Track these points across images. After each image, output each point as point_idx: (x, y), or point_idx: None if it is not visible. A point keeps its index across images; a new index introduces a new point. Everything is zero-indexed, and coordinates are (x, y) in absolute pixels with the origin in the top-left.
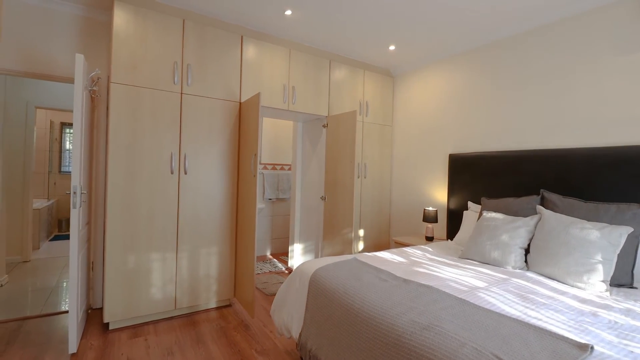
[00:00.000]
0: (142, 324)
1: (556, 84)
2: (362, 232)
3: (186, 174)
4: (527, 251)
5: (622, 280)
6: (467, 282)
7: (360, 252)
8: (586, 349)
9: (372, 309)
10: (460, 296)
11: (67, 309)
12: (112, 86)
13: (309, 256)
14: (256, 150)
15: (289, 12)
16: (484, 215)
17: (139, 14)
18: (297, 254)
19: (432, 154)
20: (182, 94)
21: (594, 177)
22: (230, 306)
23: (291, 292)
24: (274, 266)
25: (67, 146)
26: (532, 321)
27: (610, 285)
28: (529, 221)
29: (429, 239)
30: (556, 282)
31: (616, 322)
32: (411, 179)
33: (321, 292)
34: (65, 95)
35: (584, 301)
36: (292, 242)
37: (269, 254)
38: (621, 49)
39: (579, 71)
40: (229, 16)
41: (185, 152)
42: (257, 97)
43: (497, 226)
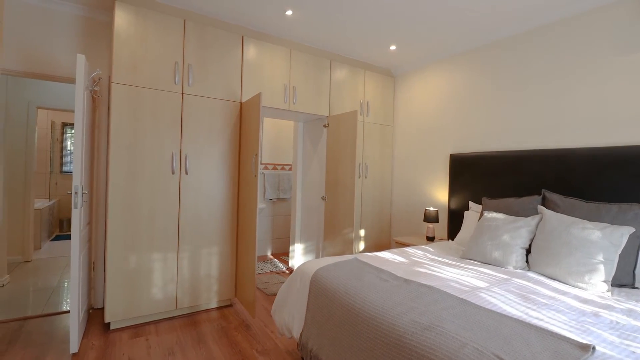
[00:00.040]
0: (143, 323)
1: (557, 83)
2: (362, 232)
3: (187, 174)
4: (529, 251)
5: (624, 280)
6: (468, 282)
7: (361, 252)
8: (588, 349)
9: (373, 309)
10: (461, 296)
11: (69, 308)
12: (113, 86)
13: (310, 256)
14: (257, 150)
15: (289, 12)
16: (485, 215)
17: (139, 14)
18: (298, 254)
19: (433, 154)
20: (183, 94)
21: (596, 177)
22: (231, 306)
23: (292, 292)
24: (275, 266)
25: (69, 146)
26: (534, 321)
27: (611, 285)
28: (530, 221)
29: (430, 239)
30: (557, 282)
31: (618, 323)
32: (412, 179)
33: (322, 292)
34: (66, 95)
35: (585, 301)
36: (293, 242)
37: (269, 254)
38: (622, 49)
39: (580, 71)
40: (230, 16)
41: (186, 152)
42: (257, 97)
43: (498, 226)
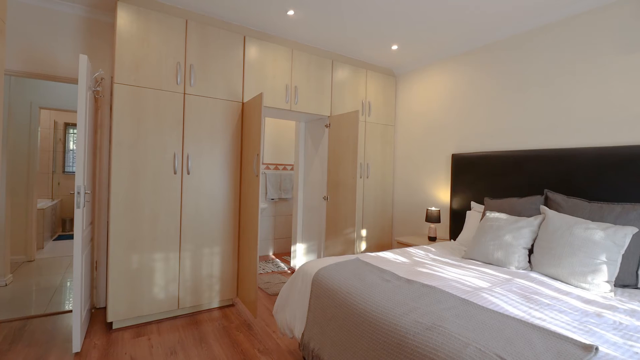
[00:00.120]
0: (145, 323)
1: (559, 83)
2: (364, 232)
3: (189, 174)
4: (531, 251)
5: (627, 280)
6: (471, 282)
7: (362, 252)
8: (591, 349)
9: (375, 309)
10: (463, 297)
11: (71, 308)
12: (115, 86)
13: (312, 256)
14: (259, 150)
15: (291, 12)
16: (487, 215)
17: (141, 14)
18: (300, 253)
19: (434, 154)
20: (185, 94)
21: (599, 177)
22: (233, 306)
23: (294, 292)
24: (277, 266)
25: (71, 146)
26: (536, 322)
27: (614, 285)
28: (532, 221)
29: (432, 239)
30: (560, 282)
31: (621, 323)
32: (414, 179)
33: (324, 292)
34: (68, 95)
35: (588, 302)
36: (295, 242)
37: (271, 253)
38: (624, 48)
39: (582, 70)
40: (232, 16)
41: (188, 152)
42: (259, 97)
43: (501, 226)
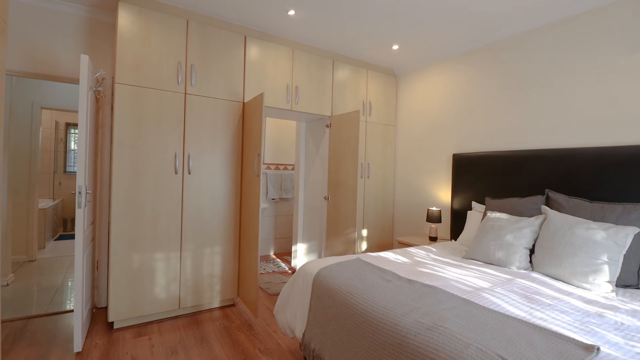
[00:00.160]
0: (146, 323)
1: (560, 83)
2: (365, 232)
3: (190, 173)
4: (532, 251)
5: (629, 281)
6: (472, 282)
7: (363, 252)
8: (592, 350)
9: (376, 309)
10: (464, 297)
11: (72, 308)
12: (116, 87)
13: (312, 256)
14: (259, 150)
15: (292, 12)
16: (488, 215)
17: (142, 14)
18: (301, 253)
19: (435, 154)
20: (185, 94)
21: (600, 177)
22: (233, 306)
23: (294, 292)
24: (277, 266)
25: (72, 146)
26: (538, 322)
27: (616, 286)
28: (533, 221)
29: (433, 239)
30: (561, 282)
31: (622, 324)
32: (415, 179)
33: (325, 292)
34: (70, 95)
35: (589, 302)
36: (295, 242)
37: (272, 253)
38: (626, 48)
39: (584, 70)
40: (232, 16)
41: (189, 152)
42: (260, 97)
43: (502, 226)
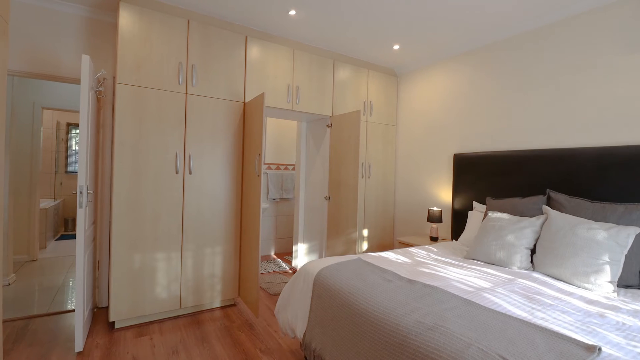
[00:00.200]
0: (147, 323)
1: (562, 82)
2: (366, 232)
3: (191, 173)
4: (533, 252)
5: (630, 281)
6: (473, 282)
7: (364, 252)
8: (593, 350)
9: (377, 309)
10: (465, 297)
11: (74, 307)
12: (117, 87)
13: (313, 256)
14: (260, 150)
15: (292, 12)
16: (489, 215)
17: (144, 14)
18: (301, 253)
19: (436, 154)
20: (186, 94)
21: (601, 177)
22: (234, 305)
23: (295, 292)
24: (278, 266)
25: (74, 146)
26: (539, 322)
27: (617, 286)
28: (535, 221)
29: (434, 239)
30: (562, 282)
31: (624, 324)
32: (415, 178)
33: (325, 292)
34: (71, 95)
35: (591, 302)
36: (296, 242)
37: (273, 253)
38: (627, 48)
39: (585, 70)
40: (233, 16)
41: (189, 152)
42: (261, 97)
43: (503, 226)
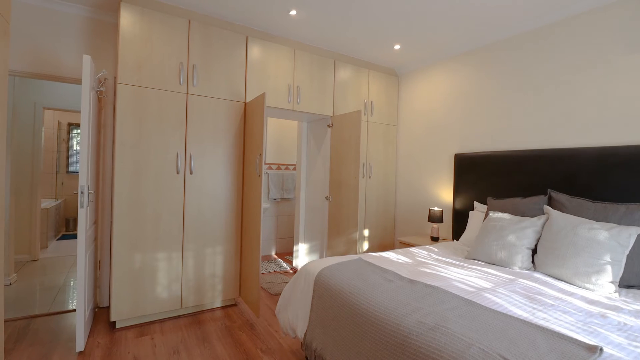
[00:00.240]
0: (148, 322)
1: (563, 82)
2: (367, 232)
3: (192, 173)
4: (534, 252)
5: (632, 281)
6: (474, 282)
7: (365, 252)
8: (595, 350)
9: (378, 309)
10: (466, 297)
11: (75, 307)
12: (118, 87)
13: (314, 256)
14: (261, 150)
15: (293, 12)
16: (491, 215)
17: (145, 15)
18: (302, 253)
19: (437, 154)
20: (187, 94)
21: (603, 177)
22: (235, 305)
23: (296, 291)
24: (279, 266)
25: (75, 146)
26: (540, 322)
27: (619, 286)
28: (536, 221)
29: (435, 239)
30: (564, 283)
31: (625, 324)
32: (416, 178)
33: (326, 292)
34: (72, 96)
35: (592, 302)
36: (297, 242)
37: (273, 253)
38: (628, 48)
39: (587, 70)
40: (234, 16)
41: (190, 152)
42: (262, 97)
43: (504, 226)
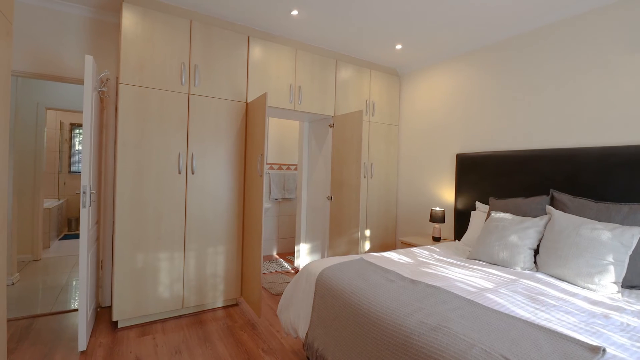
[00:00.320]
0: (150, 322)
1: (565, 82)
2: (368, 232)
3: (193, 173)
4: (537, 252)
5: (635, 281)
6: (476, 283)
7: (366, 252)
8: (598, 351)
9: (379, 309)
10: (468, 297)
11: (77, 307)
12: (120, 87)
13: (315, 256)
14: (263, 150)
15: (295, 12)
16: (492, 215)
17: (146, 15)
18: (304, 253)
19: (439, 154)
20: (189, 94)
21: (606, 177)
22: (237, 305)
23: (298, 291)
24: (280, 266)
25: (77, 146)
26: (542, 323)
27: (622, 287)
28: (538, 222)
29: (436, 240)
30: (566, 283)
31: (628, 325)
32: (418, 178)
33: (328, 292)
34: (74, 96)
35: (595, 303)
36: (298, 242)
37: (275, 253)
38: (631, 47)
39: (589, 69)
40: (236, 17)
41: (192, 152)
42: (263, 97)
43: (506, 226)
